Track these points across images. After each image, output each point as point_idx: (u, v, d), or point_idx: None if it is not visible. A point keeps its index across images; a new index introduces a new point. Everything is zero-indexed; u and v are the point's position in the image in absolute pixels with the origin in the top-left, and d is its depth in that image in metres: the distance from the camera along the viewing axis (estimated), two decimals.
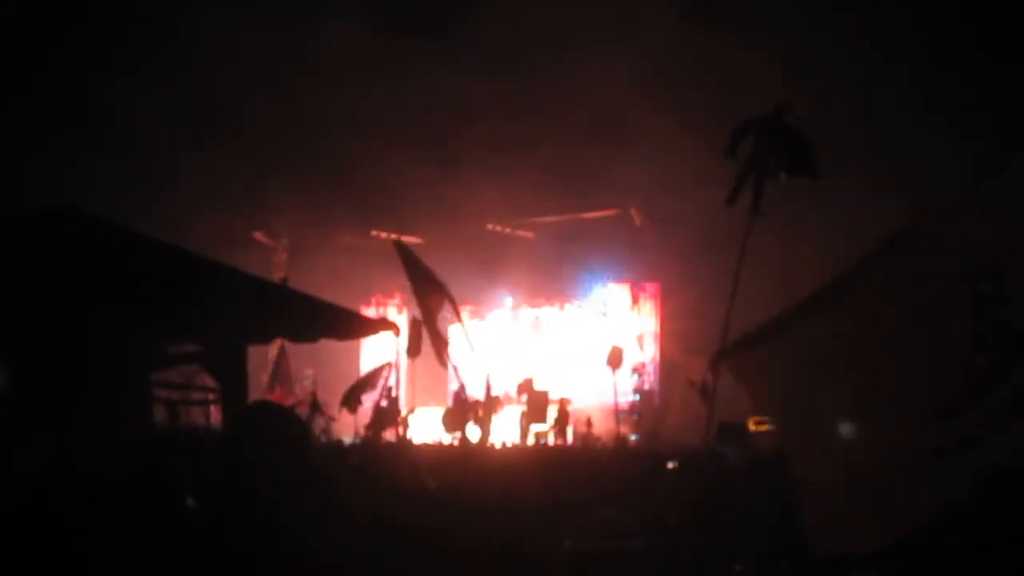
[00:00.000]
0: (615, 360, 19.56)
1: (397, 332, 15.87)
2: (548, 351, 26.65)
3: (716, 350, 5.81)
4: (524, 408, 21.27)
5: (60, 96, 19.33)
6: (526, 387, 21.64)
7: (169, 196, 20.60)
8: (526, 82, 21.57)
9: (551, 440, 21.25)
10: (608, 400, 19.94)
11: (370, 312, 24.46)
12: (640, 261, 26.15)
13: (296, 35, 21.46)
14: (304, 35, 21.68)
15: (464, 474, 7.46)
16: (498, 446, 17.67)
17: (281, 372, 23.69)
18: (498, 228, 27.22)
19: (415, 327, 18.33)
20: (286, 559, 2.98)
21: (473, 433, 19.45)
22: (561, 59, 21.45)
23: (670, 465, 11.06)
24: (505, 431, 20.46)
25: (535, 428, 21.24)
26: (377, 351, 21.40)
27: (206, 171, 21.31)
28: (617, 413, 20.36)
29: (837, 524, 4.95)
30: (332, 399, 24.18)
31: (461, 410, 19.69)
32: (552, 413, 21.85)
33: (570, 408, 22.19)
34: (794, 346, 5.19)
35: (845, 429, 5.04)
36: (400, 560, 5.53)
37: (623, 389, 23.75)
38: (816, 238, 20.34)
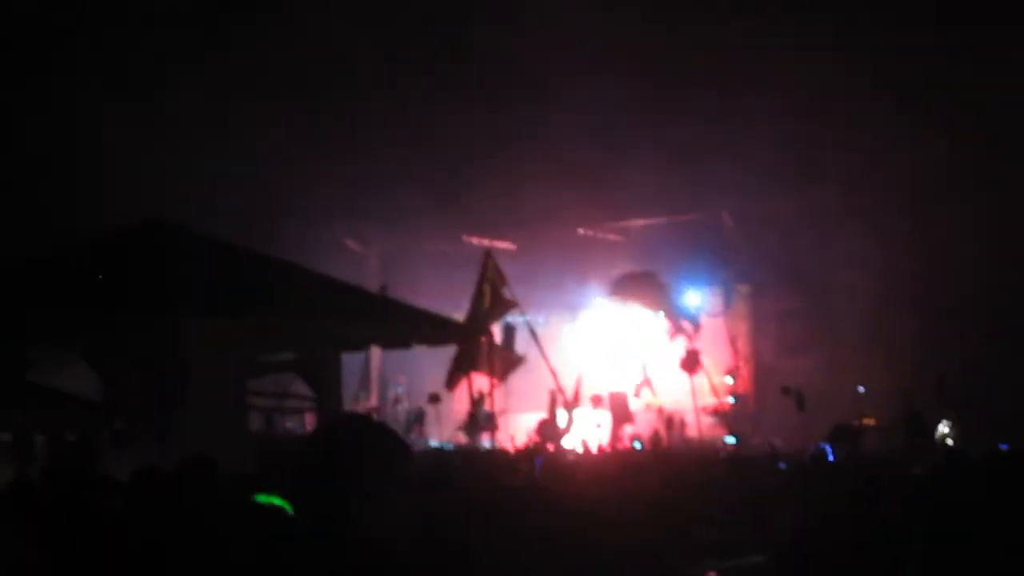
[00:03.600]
0: (690, 364, 19.53)
1: (491, 337, 15.98)
2: (639, 353, 26.51)
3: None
4: (610, 414, 21.23)
5: (150, 106, 19.49)
6: (617, 397, 21.55)
7: (261, 205, 20.88)
8: (615, 87, 21.46)
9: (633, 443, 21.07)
10: (702, 402, 19.86)
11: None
12: (732, 263, 25.92)
13: (388, 44, 21.50)
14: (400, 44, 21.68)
15: (568, 480, 7.48)
16: (592, 451, 17.66)
17: (366, 378, 23.85)
18: (588, 232, 27.21)
19: (508, 333, 18.44)
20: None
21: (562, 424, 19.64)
22: (650, 64, 21.31)
23: (782, 466, 10.98)
24: (595, 434, 20.44)
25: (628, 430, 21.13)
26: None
27: (297, 179, 21.57)
28: (711, 416, 20.29)
29: None
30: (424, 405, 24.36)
31: (553, 420, 19.80)
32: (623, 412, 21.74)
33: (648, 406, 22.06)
34: None
35: None
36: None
37: (721, 391, 23.72)
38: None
